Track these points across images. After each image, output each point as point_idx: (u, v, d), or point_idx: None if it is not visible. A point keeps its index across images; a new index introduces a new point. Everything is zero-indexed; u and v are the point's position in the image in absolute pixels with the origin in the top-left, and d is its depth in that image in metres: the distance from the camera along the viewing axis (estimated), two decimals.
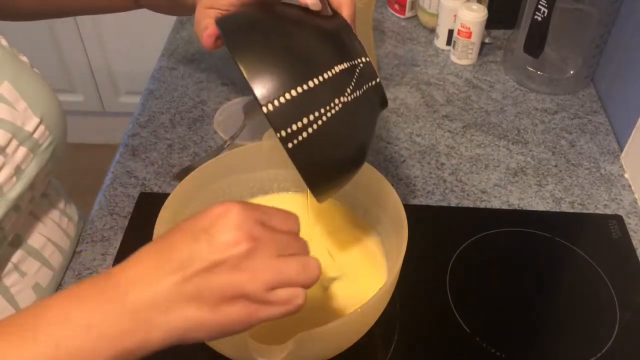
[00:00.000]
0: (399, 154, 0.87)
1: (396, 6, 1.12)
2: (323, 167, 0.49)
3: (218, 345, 0.56)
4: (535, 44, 0.91)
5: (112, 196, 0.80)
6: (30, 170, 0.61)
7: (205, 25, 0.60)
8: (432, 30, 1.08)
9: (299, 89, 0.46)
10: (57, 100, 0.64)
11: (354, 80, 0.49)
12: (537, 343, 0.65)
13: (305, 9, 0.54)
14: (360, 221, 0.69)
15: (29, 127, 0.59)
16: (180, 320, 0.41)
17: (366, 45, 0.92)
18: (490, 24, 1.01)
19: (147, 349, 0.41)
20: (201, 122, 0.91)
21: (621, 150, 0.87)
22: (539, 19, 0.88)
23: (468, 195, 0.81)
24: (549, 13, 0.86)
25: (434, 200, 0.80)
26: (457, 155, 0.87)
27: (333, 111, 0.47)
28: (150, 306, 0.40)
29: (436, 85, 0.99)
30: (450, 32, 1.03)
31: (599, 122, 0.93)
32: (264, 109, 0.46)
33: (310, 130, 0.47)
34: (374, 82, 0.51)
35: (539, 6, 0.87)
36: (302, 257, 0.45)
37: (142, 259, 0.42)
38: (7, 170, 0.57)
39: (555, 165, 0.86)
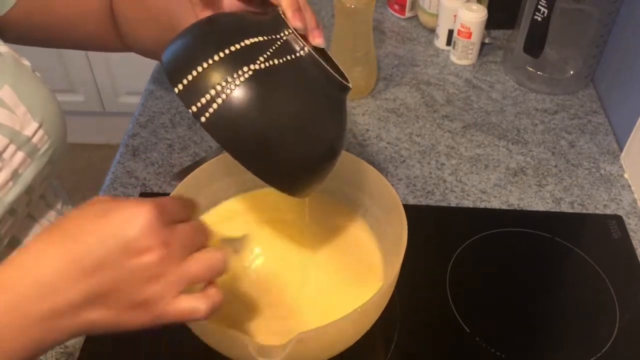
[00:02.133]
0: (399, 154, 0.87)
1: (396, 6, 1.12)
2: (249, 141, 0.47)
3: (218, 345, 0.56)
4: (535, 44, 0.91)
5: (112, 196, 0.80)
6: (28, 175, 0.60)
7: None
8: (432, 31, 1.08)
9: (204, 64, 0.47)
10: (58, 105, 0.64)
11: (271, 50, 0.49)
12: (537, 343, 0.65)
13: (247, 12, 0.55)
14: (360, 221, 0.69)
15: (28, 132, 0.59)
16: (85, 323, 0.42)
17: (366, 45, 0.93)
18: (490, 24, 1.01)
19: (45, 349, 0.42)
20: None
21: (621, 150, 0.87)
22: (539, 19, 0.88)
23: (468, 195, 0.81)
24: (549, 13, 0.86)
25: (434, 200, 0.80)
26: (457, 155, 0.87)
27: (242, 79, 0.47)
28: (56, 313, 0.41)
29: (436, 85, 0.99)
30: (450, 32, 1.03)
31: (599, 122, 0.93)
32: (175, 90, 0.47)
33: (219, 100, 0.46)
34: (301, 53, 0.49)
35: (539, 6, 0.87)
36: (206, 256, 0.45)
37: (43, 257, 0.42)
38: (3, 175, 0.57)
39: (555, 166, 0.86)
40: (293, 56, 0.49)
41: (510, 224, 0.77)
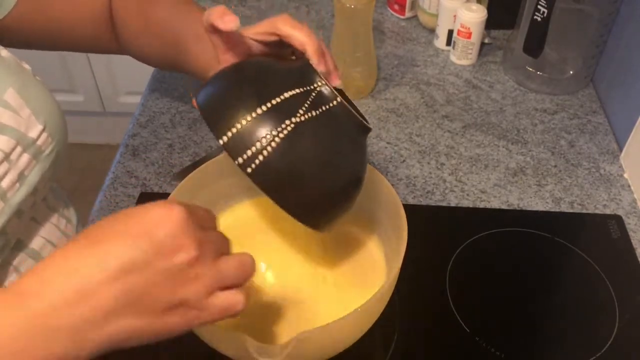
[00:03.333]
0: (399, 154, 0.87)
1: (396, 6, 1.12)
2: (293, 190, 0.50)
3: (218, 345, 0.56)
4: (534, 44, 0.91)
5: (112, 196, 0.80)
6: (33, 176, 0.61)
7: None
8: (432, 31, 1.08)
9: (248, 117, 0.49)
10: (59, 108, 0.65)
11: (308, 102, 0.52)
12: (537, 343, 0.66)
13: (276, 58, 0.58)
14: (360, 221, 0.69)
15: (33, 134, 0.60)
16: (117, 331, 0.39)
17: (366, 45, 0.93)
18: (490, 24, 1.01)
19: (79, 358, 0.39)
20: (201, 122, 0.91)
21: (620, 150, 0.87)
22: (539, 19, 0.88)
23: (468, 195, 0.81)
24: (549, 13, 0.86)
25: (434, 200, 0.80)
26: (456, 155, 0.87)
27: (285, 132, 0.49)
28: (86, 322, 0.38)
29: (436, 85, 0.99)
30: (450, 32, 1.03)
31: (599, 122, 0.93)
32: (220, 142, 0.49)
33: (265, 153, 0.49)
34: (335, 102, 0.53)
35: (539, 6, 0.87)
36: (238, 257, 0.45)
37: (70, 264, 0.39)
38: (11, 176, 0.58)
39: (555, 166, 0.86)
40: (327, 106, 0.53)
41: (510, 224, 0.77)
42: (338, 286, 0.64)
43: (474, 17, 0.97)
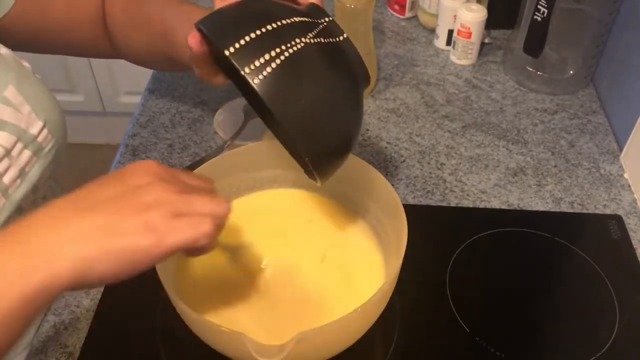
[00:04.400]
0: (399, 154, 0.87)
1: (396, 6, 1.12)
2: (296, 105, 0.49)
3: (218, 345, 0.56)
4: (535, 44, 0.91)
5: None
6: (34, 173, 0.61)
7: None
8: (432, 31, 1.08)
9: (258, 32, 0.49)
10: (59, 105, 0.65)
11: (317, 30, 0.52)
12: (537, 343, 0.65)
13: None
14: (360, 221, 0.69)
15: (33, 131, 0.60)
16: (87, 249, 0.40)
17: (366, 45, 0.93)
18: (490, 24, 1.01)
19: (51, 289, 0.39)
20: (201, 122, 0.91)
21: (620, 150, 0.87)
22: (539, 19, 0.88)
23: (468, 195, 0.81)
24: (549, 13, 0.86)
25: (434, 200, 0.80)
26: (456, 155, 0.87)
27: (295, 48, 0.49)
28: (56, 238, 0.40)
29: (436, 85, 0.99)
30: (450, 32, 1.03)
31: (599, 122, 0.93)
32: (226, 52, 0.48)
33: (273, 65, 0.48)
34: (341, 38, 0.53)
35: (539, 6, 0.87)
36: (209, 195, 0.46)
37: (56, 205, 0.43)
38: (12, 172, 0.58)
39: (555, 166, 0.86)
40: (335, 39, 0.53)
41: (510, 224, 0.77)
42: (338, 286, 0.64)
43: (474, 17, 0.97)
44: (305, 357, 0.55)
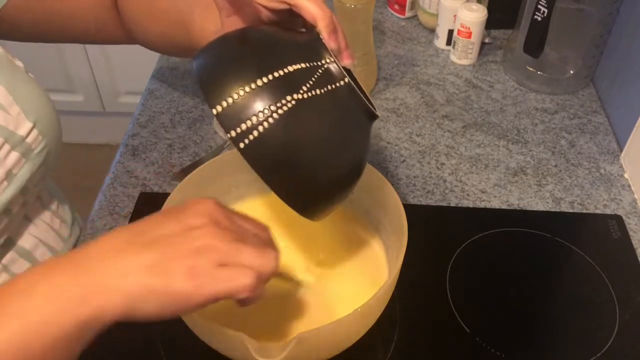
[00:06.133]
0: (399, 154, 0.87)
1: (396, 6, 1.12)
2: (286, 172, 0.48)
3: (218, 345, 0.56)
4: (535, 44, 0.91)
5: (112, 196, 0.80)
6: (23, 175, 0.60)
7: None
8: (432, 30, 1.08)
9: (247, 88, 0.46)
10: (52, 105, 0.64)
11: (313, 79, 0.48)
12: (537, 343, 0.65)
13: (283, 27, 0.54)
14: (360, 221, 0.69)
15: (22, 132, 0.59)
16: (134, 285, 0.42)
17: (366, 45, 0.93)
18: (490, 24, 1.01)
19: (102, 319, 0.41)
20: (201, 122, 0.91)
21: (621, 150, 0.87)
22: (539, 19, 0.88)
23: (468, 195, 0.81)
24: (549, 13, 0.86)
25: (434, 200, 0.80)
26: (457, 155, 0.87)
27: (285, 108, 0.46)
28: (109, 272, 0.42)
29: (436, 85, 0.99)
30: (450, 32, 1.03)
31: (599, 122, 0.93)
32: (214, 111, 0.46)
33: (260, 128, 0.46)
34: (342, 82, 0.49)
35: (539, 6, 0.87)
36: (261, 246, 0.46)
37: (115, 236, 0.44)
38: None
39: (555, 165, 0.86)
40: (333, 86, 0.49)
41: (510, 224, 0.77)
42: (338, 286, 0.64)
43: (474, 16, 0.97)
44: (305, 357, 0.55)
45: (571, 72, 0.97)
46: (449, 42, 1.04)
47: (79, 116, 2.04)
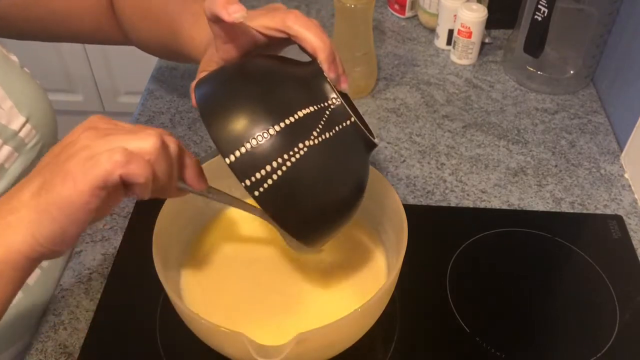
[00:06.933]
0: (399, 154, 0.87)
1: (396, 6, 1.12)
2: (300, 213, 0.49)
3: (218, 345, 0.56)
4: (535, 43, 0.91)
5: None
6: (15, 169, 0.60)
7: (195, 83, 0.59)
8: (432, 30, 1.08)
9: (259, 138, 0.47)
10: (47, 100, 0.64)
11: (322, 122, 0.49)
12: (537, 343, 0.65)
13: (283, 59, 0.54)
14: (360, 221, 0.69)
15: (14, 126, 0.59)
16: (26, 214, 0.42)
17: (366, 45, 0.93)
18: (490, 24, 1.01)
19: (17, 254, 0.42)
20: (201, 122, 0.90)
21: (621, 150, 0.87)
22: (539, 19, 0.88)
23: (468, 195, 0.81)
24: (549, 13, 0.86)
25: (434, 200, 0.80)
26: (457, 155, 0.87)
27: (298, 155, 0.47)
28: (7, 209, 0.42)
29: (436, 85, 0.99)
30: (450, 32, 1.03)
31: (599, 122, 0.93)
32: (226, 160, 0.47)
33: (275, 177, 0.47)
34: (348, 122, 0.51)
35: (539, 6, 0.87)
36: (137, 131, 0.46)
37: (17, 186, 0.45)
38: None
39: (555, 166, 0.86)
40: (340, 127, 0.50)
41: (510, 224, 0.77)
42: (338, 286, 0.64)
43: (475, 16, 0.97)
44: (305, 357, 0.55)
45: (571, 72, 0.97)
46: (449, 42, 1.04)
47: (79, 116, 2.02)
